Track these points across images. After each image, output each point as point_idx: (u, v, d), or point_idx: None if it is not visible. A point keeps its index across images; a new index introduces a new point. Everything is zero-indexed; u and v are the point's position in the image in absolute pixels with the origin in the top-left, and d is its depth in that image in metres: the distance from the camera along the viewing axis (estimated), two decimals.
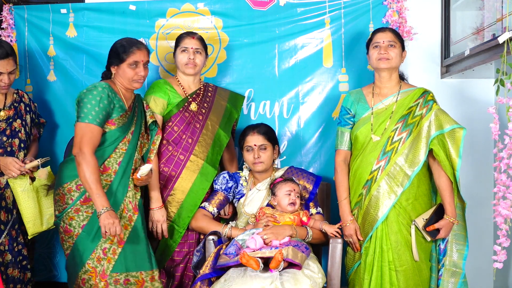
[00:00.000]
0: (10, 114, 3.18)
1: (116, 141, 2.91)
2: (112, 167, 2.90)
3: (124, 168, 2.92)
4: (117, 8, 3.80)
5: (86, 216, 2.83)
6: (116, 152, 2.92)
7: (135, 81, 2.99)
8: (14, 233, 3.16)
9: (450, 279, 2.98)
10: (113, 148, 2.91)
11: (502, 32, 2.69)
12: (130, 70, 2.96)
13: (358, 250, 3.06)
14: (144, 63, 2.99)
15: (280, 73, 3.77)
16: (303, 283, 2.58)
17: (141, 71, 2.97)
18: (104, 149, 2.89)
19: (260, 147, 3.18)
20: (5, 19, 3.79)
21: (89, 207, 2.83)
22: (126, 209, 2.91)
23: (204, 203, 3.19)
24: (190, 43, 3.24)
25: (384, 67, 3.03)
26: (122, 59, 2.95)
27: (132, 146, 2.98)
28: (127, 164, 2.94)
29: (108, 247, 2.81)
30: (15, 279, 3.14)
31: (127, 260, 2.84)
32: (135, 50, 2.96)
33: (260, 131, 3.22)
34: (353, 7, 3.69)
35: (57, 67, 3.83)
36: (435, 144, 2.88)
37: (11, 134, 3.14)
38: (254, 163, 3.18)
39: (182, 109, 3.25)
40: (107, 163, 2.89)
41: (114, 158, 2.91)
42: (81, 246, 2.81)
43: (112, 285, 2.80)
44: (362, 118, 3.10)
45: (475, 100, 3.74)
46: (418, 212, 2.96)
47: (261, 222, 2.97)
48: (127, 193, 2.92)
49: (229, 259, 2.71)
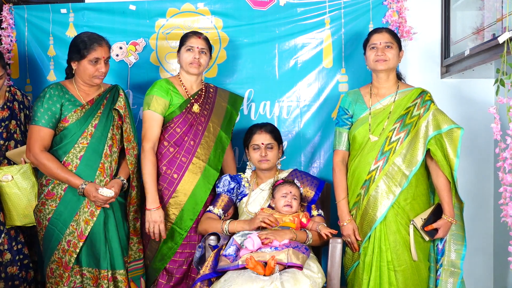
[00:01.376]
0: (5, 116, 3.16)
1: (75, 136, 2.97)
2: (72, 163, 2.95)
3: (86, 162, 2.96)
4: (117, 8, 3.81)
5: (51, 209, 2.96)
6: (75, 147, 2.97)
7: (95, 77, 3.01)
8: (13, 232, 3.18)
9: (449, 279, 2.98)
10: (73, 144, 2.96)
11: (502, 32, 2.70)
12: (91, 66, 2.98)
13: (356, 250, 3.06)
14: (105, 60, 3.02)
15: (280, 73, 3.78)
16: (303, 283, 2.57)
17: (102, 68, 3.00)
18: (65, 145, 2.96)
19: (267, 146, 3.20)
20: (5, 19, 3.80)
21: (53, 200, 2.95)
22: (89, 204, 2.96)
23: (210, 207, 3.18)
24: (196, 42, 3.23)
25: (382, 68, 3.04)
26: (82, 55, 2.97)
27: (96, 139, 3.00)
28: (89, 158, 2.97)
29: (71, 240, 2.93)
30: (14, 277, 3.16)
31: (84, 255, 2.97)
32: (96, 46, 2.97)
33: (267, 130, 3.24)
34: (353, 7, 3.70)
35: (57, 67, 3.83)
36: (433, 144, 2.89)
37: (7, 137, 3.14)
38: (260, 161, 3.20)
39: (185, 111, 3.24)
40: (66, 158, 2.95)
41: (74, 154, 2.96)
42: (48, 237, 2.97)
43: (73, 277, 2.96)
44: (360, 118, 3.10)
45: (475, 100, 3.75)
46: (416, 212, 2.96)
47: (258, 217, 2.94)
48: None
49: (229, 263, 2.71)
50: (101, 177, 2.99)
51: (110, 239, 3.01)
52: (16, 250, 3.18)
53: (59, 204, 2.95)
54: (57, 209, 2.95)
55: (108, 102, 3.10)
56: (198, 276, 2.79)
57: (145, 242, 3.24)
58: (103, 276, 2.98)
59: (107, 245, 3.00)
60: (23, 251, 3.23)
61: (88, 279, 2.98)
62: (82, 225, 2.94)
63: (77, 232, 2.94)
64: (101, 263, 2.98)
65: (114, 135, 3.08)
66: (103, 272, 2.98)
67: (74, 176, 2.90)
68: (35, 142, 2.92)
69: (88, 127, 2.99)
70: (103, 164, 3.00)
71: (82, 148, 2.97)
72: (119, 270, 3.02)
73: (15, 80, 3.84)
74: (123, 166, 3.13)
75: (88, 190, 2.88)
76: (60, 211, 2.95)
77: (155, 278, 3.23)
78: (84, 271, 2.98)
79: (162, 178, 3.19)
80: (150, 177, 3.11)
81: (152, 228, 3.10)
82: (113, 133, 3.07)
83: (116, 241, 3.02)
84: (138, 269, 3.19)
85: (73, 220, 2.94)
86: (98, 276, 2.99)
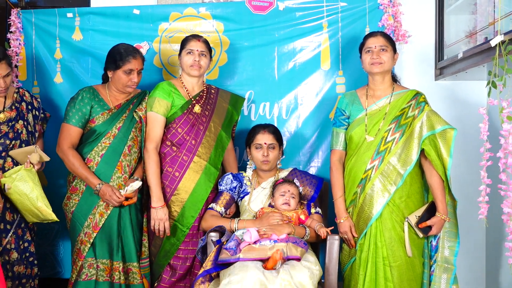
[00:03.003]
0: (12, 116, 3.18)
1: (99, 136, 3.18)
2: (94, 159, 3.17)
3: (106, 160, 3.17)
4: (121, 12, 3.85)
5: (74, 203, 3.19)
6: (98, 146, 3.18)
7: (128, 86, 3.21)
8: (20, 231, 3.21)
9: (443, 275, 3.00)
10: (97, 143, 3.18)
11: (494, 36, 2.73)
12: (125, 76, 3.18)
13: (353, 247, 3.10)
14: (138, 71, 3.21)
15: (279, 75, 3.81)
16: (302, 272, 2.62)
17: (134, 78, 3.19)
18: (90, 143, 3.19)
19: (269, 146, 3.25)
20: (14, 23, 3.82)
21: (77, 195, 3.19)
22: None
23: (212, 204, 3.23)
24: (195, 45, 3.26)
25: (377, 71, 3.07)
26: (118, 65, 3.17)
27: (118, 140, 3.20)
28: (109, 156, 3.17)
29: (88, 231, 3.15)
30: (20, 275, 3.18)
31: (99, 247, 3.14)
32: (131, 59, 3.17)
33: (270, 131, 3.29)
34: (350, 11, 3.72)
35: (64, 69, 3.89)
36: (427, 144, 2.92)
37: (14, 137, 3.16)
38: (262, 161, 3.25)
39: (186, 111, 3.28)
40: (89, 155, 3.17)
41: (96, 152, 3.18)
42: (72, 229, 3.20)
43: (86, 269, 3.13)
44: (356, 119, 3.14)
45: (468, 101, 3.78)
46: (411, 210, 3.00)
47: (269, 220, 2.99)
48: (109, 183, 3.14)
49: (230, 256, 2.74)
50: (118, 174, 3.19)
51: (124, 233, 3.19)
52: (23, 249, 3.21)
53: (81, 199, 3.17)
54: (79, 203, 3.17)
55: (134, 106, 3.29)
56: (200, 271, 2.81)
57: (150, 239, 3.29)
58: (115, 267, 3.15)
59: (119, 238, 3.17)
60: (29, 249, 3.26)
61: (102, 270, 3.13)
62: (97, 217, 3.14)
63: (92, 223, 3.13)
64: (114, 255, 3.16)
65: (135, 137, 3.27)
66: (116, 264, 3.16)
67: (92, 176, 3.11)
68: (65, 139, 3.15)
69: (112, 129, 3.21)
70: (121, 162, 3.19)
71: (104, 148, 3.18)
72: (132, 262, 3.18)
73: (23, 82, 3.86)
74: (140, 166, 3.30)
75: (103, 190, 3.08)
76: (81, 204, 3.17)
77: (159, 274, 3.27)
78: (98, 263, 3.13)
79: (164, 176, 3.23)
80: (154, 176, 3.16)
81: (157, 225, 3.15)
82: (134, 135, 3.27)
83: (130, 234, 3.18)
84: (147, 266, 3.29)
85: (91, 213, 3.15)
86: (111, 267, 3.16)
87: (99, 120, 3.19)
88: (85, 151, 3.19)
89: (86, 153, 3.18)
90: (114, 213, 3.16)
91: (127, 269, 3.19)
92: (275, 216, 3.03)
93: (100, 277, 3.13)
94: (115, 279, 3.15)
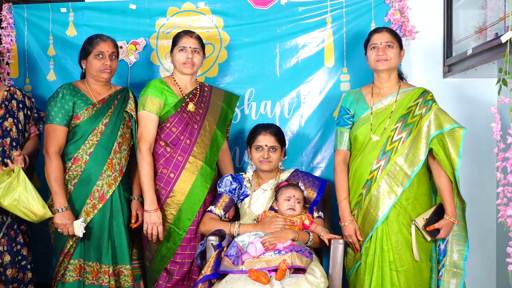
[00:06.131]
0: (0, 113, 3.17)
1: (85, 133, 3.12)
2: (82, 158, 3.11)
3: (95, 157, 3.11)
4: (117, 7, 3.82)
5: None
6: (85, 144, 3.12)
7: (102, 71, 3.18)
8: (13, 233, 3.18)
9: (451, 280, 2.99)
10: (83, 140, 3.12)
11: (504, 31, 2.70)
12: (97, 61, 3.17)
13: (358, 251, 3.07)
14: (110, 54, 3.19)
15: (281, 72, 3.78)
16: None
17: (107, 61, 3.17)
18: (76, 141, 3.12)
19: (271, 148, 3.20)
20: (5, 18, 3.80)
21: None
22: (92, 196, 3.10)
23: (211, 207, 3.18)
24: (188, 42, 3.23)
25: (383, 68, 3.05)
26: (88, 51, 3.18)
27: (106, 137, 3.15)
28: (98, 154, 3.11)
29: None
30: (13, 279, 3.15)
31: (86, 249, 3.11)
32: (99, 41, 3.18)
33: (272, 132, 3.24)
34: (354, 6, 3.70)
35: (57, 66, 3.85)
36: (435, 144, 2.89)
37: (2, 135, 3.15)
38: (261, 162, 3.19)
39: (180, 110, 3.23)
40: (77, 154, 3.11)
41: (84, 150, 3.12)
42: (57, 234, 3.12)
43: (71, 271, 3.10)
44: (361, 118, 3.11)
45: (477, 99, 3.75)
46: (418, 212, 2.97)
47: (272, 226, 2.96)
48: (97, 181, 3.10)
49: (231, 266, 2.71)
50: (109, 172, 3.13)
51: (118, 234, 3.13)
52: (16, 252, 3.18)
53: (68, 200, 3.07)
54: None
55: (119, 103, 3.25)
56: (200, 277, 2.79)
57: (145, 243, 3.25)
58: (104, 271, 3.10)
59: (109, 241, 3.11)
60: (22, 252, 3.23)
61: (87, 273, 3.11)
62: (83, 215, 3.09)
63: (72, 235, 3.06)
64: (102, 258, 3.10)
65: (124, 134, 3.23)
66: (104, 267, 3.10)
67: (63, 195, 3.04)
68: (51, 141, 3.08)
69: (99, 125, 3.15)
70: (111, 159, 3.14)
71: (92, 145, 3.12)
72: (125, 265, 3.13)
73: (15, 79, 3.84)
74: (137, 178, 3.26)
75: (63, 215, 3.00)
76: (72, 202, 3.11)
77: (155, 279, 3.22)
78: (84, 265, 3.10)
79: (158, 178, 3.18)
80: (148, 178, 3.11)
81: (150, 229, 3.11)
82: (123, 132, 3.22)
83: (124, 235, 3.13)
84: (138, 268, 3.27)
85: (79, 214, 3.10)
86: (99, 270, 3.11)
87: (83, 116, 3.13)
88: (70, 150, 3.12)
89: (72, 152, 3.11)
90: (105, 215, 3.11)
91: (118, 272, 3.14)
92: (278, 221, 2.98)
93: (85, 279, 3.11)
94: (104, 282, 3.10)
